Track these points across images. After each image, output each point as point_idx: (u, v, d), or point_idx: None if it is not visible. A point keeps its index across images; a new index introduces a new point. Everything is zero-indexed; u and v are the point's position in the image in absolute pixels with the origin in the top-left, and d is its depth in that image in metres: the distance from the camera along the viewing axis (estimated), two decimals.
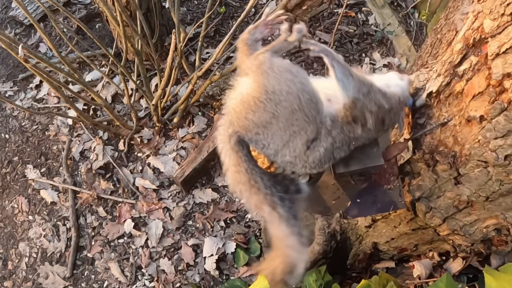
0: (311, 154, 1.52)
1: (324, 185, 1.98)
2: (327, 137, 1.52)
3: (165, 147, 3.72)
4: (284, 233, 1.49)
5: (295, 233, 1.50)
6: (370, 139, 1.64)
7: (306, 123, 1.46)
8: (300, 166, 1.55)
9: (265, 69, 1.43)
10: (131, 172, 3.68)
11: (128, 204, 3.57)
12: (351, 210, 1.96)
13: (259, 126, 1.46)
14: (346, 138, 1.56)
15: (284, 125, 1.46)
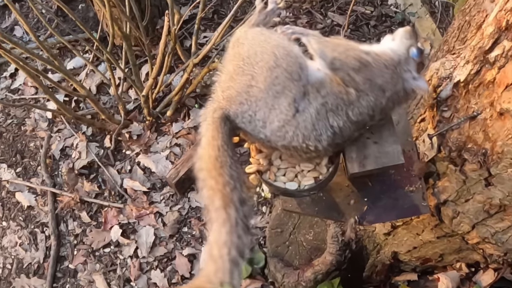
0: (300, 117, 1.55)
1: (337, 187, 1.98)
2: (316, 96, 1.56)
3: (157, 144, 3.73)
4: (223, 239, 1.45)
5: (234, 246, 1.46)
6: (376, 109, 1.63)
7: (288, 80, 1.53)
8: (291, 134, 1.55)
9: (241, 40, 1.59)
10: (119, 172, 3.69)
11: (115, 209, 3.58)
12: (368, 215, 1.97)
13: (241, 93, 1.54)
14: (340, 100, 1.58)
15: (266, 86, 1.53)
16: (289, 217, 3.01)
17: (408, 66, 1.67)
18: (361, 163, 1.75)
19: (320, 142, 1.59)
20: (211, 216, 1.49)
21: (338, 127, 1.59)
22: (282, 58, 1.53)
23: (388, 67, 1.62)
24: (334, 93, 1.58)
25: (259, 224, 3.45)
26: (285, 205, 2.04)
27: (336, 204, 1.99)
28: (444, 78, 1.84)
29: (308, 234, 2.95)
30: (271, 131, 1.57)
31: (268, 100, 1.54)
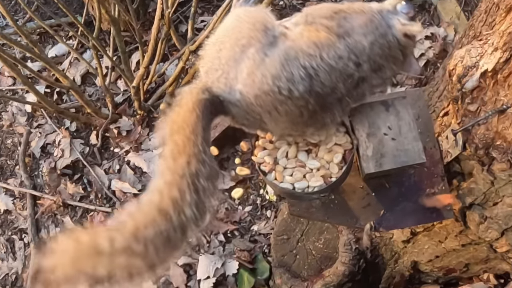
0: (268, 59, 1.57)
1: (350, 188, 1.99)
2: (284, 41, 1.60)
3: (149, 141, 3.73)
4: (151, 217, 1.41)
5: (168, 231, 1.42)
6: (359, 55, 1.62)
7: (252, 31, 1.61)
8: (260, 77, 1.56)
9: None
10: (106, 173, 3.70)
11: (102, 213, 3.59)
12: (385, 221, 1.97)
13: (213, 60, 1.63)
14: (311, 43, 1.59)
15: (232, 44, 1.61)
16: (296, 223, 3.02)
17: (395, 15, 1.70)
18: (378, 162, 1.76)
19: (294, 85, 1.56)
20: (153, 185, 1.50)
21: (312, 68, 1.57)
22: (245, 15, 1.67)
23: (365, 12, 1.67)
24: (305, 39, 1.61)
25: (263, 231, 3.46)
26: (292, 209, 2.05)
27: (349, 208, 2.00)
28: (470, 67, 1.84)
29: (317, 241, 2.95)
30: (242, 82, 1.59)
31: (237, 56, 1.60)
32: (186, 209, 1.46)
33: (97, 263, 1.33)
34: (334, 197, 2.00)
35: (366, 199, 1.99)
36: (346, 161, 1.77)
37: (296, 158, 1.79)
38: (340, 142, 1.79)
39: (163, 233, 1.40)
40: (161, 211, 1.41)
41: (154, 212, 1.41)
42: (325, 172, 1.76)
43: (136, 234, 1.37)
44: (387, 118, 1.80)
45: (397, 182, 1.99)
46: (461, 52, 1.88)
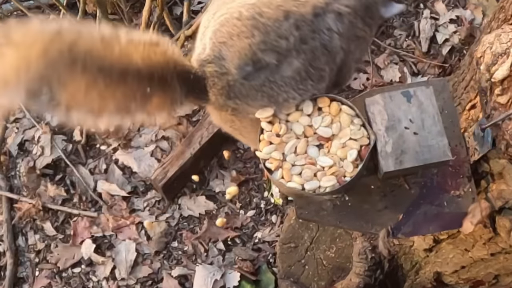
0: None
1: (365, 189, 2.00)
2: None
3: (139, 137, 3.74)
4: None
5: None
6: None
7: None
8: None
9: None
10: (92, 173, 3.70)
11: (87, 218, 3.60)
12: (404, 226, 1.98)
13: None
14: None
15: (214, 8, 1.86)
16: (305, 229, 3.03)
17: None
18: (398, 160, 1.76)
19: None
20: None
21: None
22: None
23: None
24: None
25: (267, 238, 3.47)
26: (300, 212, 2.05)
27: (364, 211, 2.00)
28: (500, 54, 1.85)
29: (329, 250, 2.97)
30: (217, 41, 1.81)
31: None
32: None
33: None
34: (348, 199, 2.01)
35: (383, 202, 1.99)
36: (362, 158, 1.77)
37: (306, 154, 1.80)
38: (355, 137, 1.80)
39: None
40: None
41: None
42: (338, 170, 1.77)
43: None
44: (408, 110, 1.81)
45: (418, 182, 2.00)
46: (490, 38, 1.89)
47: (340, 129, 1.81)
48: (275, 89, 1.80)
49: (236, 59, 1.79)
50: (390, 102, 1.82)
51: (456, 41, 3.86)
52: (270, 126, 1.83)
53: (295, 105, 1.85)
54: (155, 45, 1.73)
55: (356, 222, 2.01)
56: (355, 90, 3.72)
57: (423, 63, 3.81)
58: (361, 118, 1.82)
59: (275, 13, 1.76)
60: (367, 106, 1.84)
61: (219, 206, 3.58)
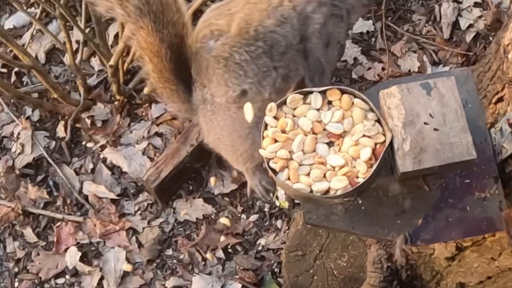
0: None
1: (380, 192, 2.00)
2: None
3: (130, 134, 3.74)
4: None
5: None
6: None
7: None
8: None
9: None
10: (77, 173, 3.70)
11: (72, 223, 3.59)
12: (424, 232, 1.98)
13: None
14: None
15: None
16: (314, 235, 3.03)
17: None
18: (416, 159, 1.76)
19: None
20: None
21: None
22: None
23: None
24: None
25: (272, 245, 3.47)
26: (308, 217, 2.05)
27: (380, 215, 2.00)
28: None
29: (340, 258, 2.97)
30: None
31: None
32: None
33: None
34: (361, 202, 2.01)
35: (400, 205, 1.99)
36: (377, 157, 1.77)
37: (314, 152, 1.80)
38: (369, 134, 1.80)
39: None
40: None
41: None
42: (351, 170, 1.77)
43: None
44: (428, 103, 1.81)
45: (439, 184, 1.99)
46: None
47: (353, 124, 1.81)
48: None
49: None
50: (408, 95, 1.82)
51: (481, 27, 3.86)
52: (275, 121, 1.83)
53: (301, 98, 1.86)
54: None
55: (371, 228, 2.01)
56: (369, 81, 3.72)
57: (444, 51, 3.80)
58: (375, 113, 1.82)
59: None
60: (382, 99, 1.84)
61: (218, 209, 3.58)
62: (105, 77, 3.84)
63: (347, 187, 1.75)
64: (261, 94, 2.57)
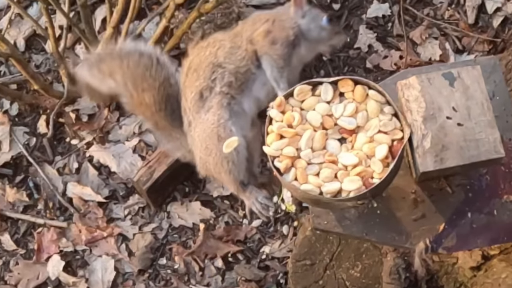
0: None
1: (398, 194, 2.00)
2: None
3: (119, 129, 3.73)
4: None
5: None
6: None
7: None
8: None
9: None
10: (60, 173, 3.70)
11: (55, 229, 3.59)
12: (446, 239, 1.99)
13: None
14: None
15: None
16: (323, 242, 3.03)
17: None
18: (438, 157, 1.76)
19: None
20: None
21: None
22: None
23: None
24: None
25: (277, 253, 3.46)
26: (317, 222, 2.06)
27: (397, 220, 2.01)
28: None
29: (353, 268, 2.97)
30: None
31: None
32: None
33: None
34: (376, 206, 2.01)
35: (420, 209, 2.00)
36: (394, 156, 1.77)
37: (325, 150, 1.80)
38: (385, 129, 1.80)
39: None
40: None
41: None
42: (365, 170, 1.77)
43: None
44: (451, 95, 1.81)
45: (463, 185, 1.99)
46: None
47: (367, 119, 1.81)
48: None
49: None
50: (428, 86, 1.82)
51: (510, 11, 3.85)
52: (280, 115, 1.83)
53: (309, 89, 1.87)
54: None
55: (387, 234, 2.01)
56: (386, 71, 3.72)
57: (469, 37, 3.80)
58: (392, 106, 1.82)
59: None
60: (400, 90, 1.84)
61: (217, 214, 3.57)
62: None
63: (361, 188, 1.75)
64: (213, 89, 2.90)
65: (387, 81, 2.03)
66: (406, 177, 1.90)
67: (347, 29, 3.76)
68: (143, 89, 2.96)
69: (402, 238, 1.98)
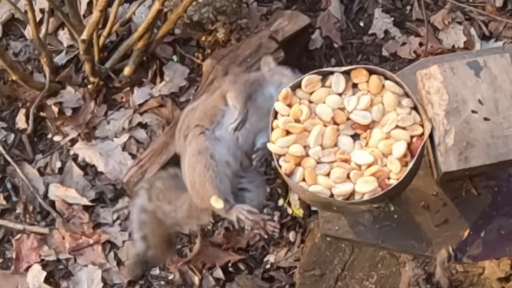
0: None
1: (417, 196, 2.00)
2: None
3: (107, 125, 3.74)
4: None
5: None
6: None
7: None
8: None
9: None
10: (41, 173, 3.71)
11: (36, 236, 3.60)
12: (472, 247, 1.99)
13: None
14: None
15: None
16: (334, 250, 3.03)
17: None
18: (462, 155, 1.76)
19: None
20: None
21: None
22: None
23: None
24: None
25: (283, 263, 3.46)
26: (327, 227, 2.07)
27: (416, 226, 2.01)
28: None
29: (367, 279, 2.98)
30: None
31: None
32: None
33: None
34: (394, 210, 2.02)
35: (442, 213, 2.00)
36: (413, 154, 1.78)
37: (336, 147, 1.80)
38: (403, 124, 1.80)
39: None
40: None
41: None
42: (381, 170, 1.77)
43: None
44: (477, 87, 1.81)
45: (490, 187, 2.00)
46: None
47: (383, 113, 1.81)
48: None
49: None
50: (451, 77, 1.82)
51: None
52: (286, 108, 1.83)
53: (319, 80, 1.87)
54: None
55: (405, 241, 2.01)
56: (404, 59, 3.72)
57: (496, 22, 3.80)
58: (411, 98, 1.82)
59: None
60: (420, 81, 1.84)
61: (216, 218, 3.57)
62: (76, 54, 3.85)
63: (376, 190, 1.76)
64: (189, 127, 3.02)
65: (406, 71, 2.03)
66: (427, 178, 1.90)
67: (360, 13, 3.77)
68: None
69: (422, 246, 1.99)
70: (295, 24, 3.52)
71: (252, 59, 3.44)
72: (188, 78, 3.76)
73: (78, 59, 3.82)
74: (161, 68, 3.79)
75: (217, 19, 3.57)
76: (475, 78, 1.81)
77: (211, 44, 3.68)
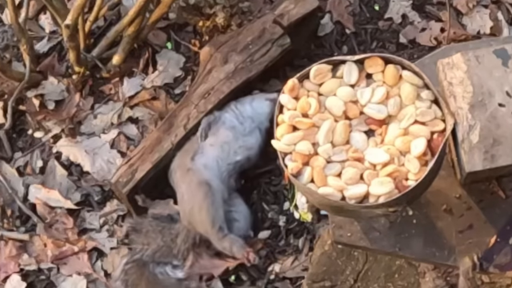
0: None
1: (438, 199, 2.01)
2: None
3: (93, 119, 3.75)
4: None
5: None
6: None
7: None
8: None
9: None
10: (21, 173, 3.72)
11: (14, 243, 3.61)
12: (499, 255, 1.99)
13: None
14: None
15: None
16: (346, 259, 3.04)
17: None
18: (488, 154, 1.76)
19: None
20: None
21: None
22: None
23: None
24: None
25: (289, 273, 3.46)
26: (338, 234, 2.07)
27: (437, 232, 2.02)
28: None
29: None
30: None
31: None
32: None
33: None
34: (412, 214, 2.02)
35: (466, 218, 2.00)
36: (434, 152, 1.78)
37: (348, 144, 1.81)
38: (423, 119, 1.80)
39: None
40: None
41: None
42: (398, 170, 1.78)
43: None
44: (504, 77, 1.82)
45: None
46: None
47: (400, 107, 1.81)
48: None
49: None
50: (476, 66, 1.83)
51: None
52: (293, 101, 1.83)
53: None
54: None
55: (425, 249, 2.02)
56: (423, 46, 3.72)
57: None
58: (432, 91, 1.82)
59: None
60: (441, 71, 1.84)
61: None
62: (60, 41, 3.86)
63: (393, 192, 1.76)
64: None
65: (425, 60, 2.04)
66: (449, 179, 1.91)
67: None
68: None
69: (444, 254, 1.99)
70: (302, 7, 3.51)
71: (255, 46, 3.44)
72: (184, 67, 3.77)
73: (62, 47, 3.83)
74: (154, 56, 3.80)
75: (216, 2, 3.57)
76: (502, 68, 1.81)
77: (209, 30, 3.69)
